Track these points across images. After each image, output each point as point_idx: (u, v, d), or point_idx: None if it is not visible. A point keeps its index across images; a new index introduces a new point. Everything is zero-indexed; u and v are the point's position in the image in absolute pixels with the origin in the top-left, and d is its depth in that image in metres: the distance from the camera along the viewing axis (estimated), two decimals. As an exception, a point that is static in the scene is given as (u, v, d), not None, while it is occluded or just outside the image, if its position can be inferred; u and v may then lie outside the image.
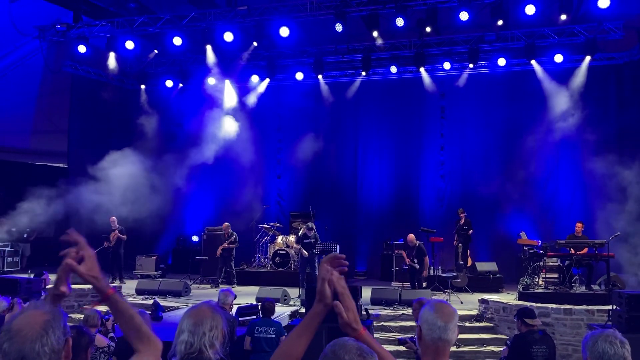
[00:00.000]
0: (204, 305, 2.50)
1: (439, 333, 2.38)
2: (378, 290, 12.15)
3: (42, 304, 1.91)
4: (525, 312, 6.13)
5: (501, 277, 14.01)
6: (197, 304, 2.57)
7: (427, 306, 2.49)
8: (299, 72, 17.08)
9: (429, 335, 2.40)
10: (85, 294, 12.40)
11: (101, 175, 15.22)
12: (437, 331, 2.38)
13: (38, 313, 1.81)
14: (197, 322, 2.34)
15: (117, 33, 14.83)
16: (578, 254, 11.55)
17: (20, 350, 1.72)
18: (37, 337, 1.75)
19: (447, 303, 2.53)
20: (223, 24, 14.02)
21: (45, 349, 1.75)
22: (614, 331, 2.64)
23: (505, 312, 10.58)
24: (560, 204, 15.91)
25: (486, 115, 16.74)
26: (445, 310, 2.44)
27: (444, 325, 2.39)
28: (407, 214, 17.10)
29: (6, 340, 1.74)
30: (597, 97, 15.41)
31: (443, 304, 2.50)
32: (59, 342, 1.79)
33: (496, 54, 15.52)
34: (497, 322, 10.73)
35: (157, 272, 16.04)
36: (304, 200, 17.36)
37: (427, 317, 2.43)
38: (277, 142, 18.57)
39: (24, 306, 4.54)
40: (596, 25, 14.09)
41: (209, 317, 2.36)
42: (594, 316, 9.87)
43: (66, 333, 1.83)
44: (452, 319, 2.43)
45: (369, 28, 13.49)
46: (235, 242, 14.80)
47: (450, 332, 2.40)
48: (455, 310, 2.48)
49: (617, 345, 2.54)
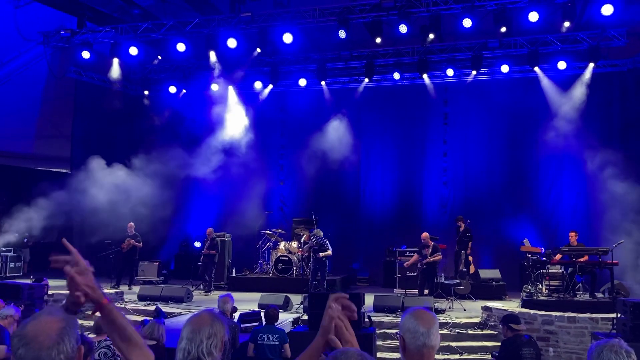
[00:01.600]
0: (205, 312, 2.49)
1: (423, 339, 2.37)
2: (381, 297, 12.09)
3: (56, 311, 1.91)
4: (511, 318, 6.52)
5: (504, 284, 13.95)
6: (199, 311, 2.56)
7: (406, 315, 2.48)
8: (302, 79, 17.11)
9: (413, 344, 2.38)
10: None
11: (104, 180, 15.24)
12: (421, 338, 2.37)
13: (54, 319, 1.82)
14: (196, 330, 2.32)
15: (121, 39, 14.87)
16: (578, 261, 11.49)
17: (36, 357, 1.73)
18: (54, 344, 1.76)
19: (425, 309, 2.52)
20: (226, 30, 14.05)
21: (62, 356, 1.76)
22: (619, 340, 2.61)
23: (508, 319, 10.51)
24: (564, 211, 15.86)
25: (489, 122, 16.74)
26: (425, 316, 2.44)
27: (426, 331, 2.38)
28: (410, 221, 17.08)
29: (22, 346, 1.75)
30: (601, 104, 15.41)
31: (422, 310, 2.50)
32: (73, 350, 1.81)
33: (499, 60, 15.54)
34: (500, 329, 10.65)
35: (159, 278, 16.04)
36: (306, 206, 17.36)
37: (408, 325, 2.42)
38: (280, 148, 18.60)
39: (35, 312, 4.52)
40: (599, 32, 14.09)
41: (208, 324, 2.34)
42: (598, 324, 9.81)
43: (78, 341, 1.84)
44: (433, 324, 2.42)
45: (372, 35, 13.49)
46: (215, 247, 14.83)
47: (433, 337, 2.39)
48: (435, 316, 2.48)
49: (623, 355, 2.51)
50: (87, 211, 15.18)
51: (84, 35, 14.95)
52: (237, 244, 16.77)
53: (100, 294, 2.13)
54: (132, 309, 12.16)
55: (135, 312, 11.96)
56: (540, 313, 10.24)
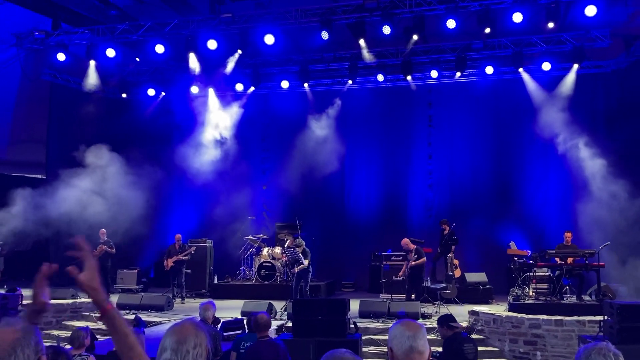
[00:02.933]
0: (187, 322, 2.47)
1: (409, 342, 2.39)
2: (366, 302, 12.09)
3: (14, 321, 1.88)
4: (449, 318, 7.18)
5: (491, 288, 14.05)
6: (179, 321, 2.54)
7: (393, 326, 2.51)
8: (284, 81, 17.11)
9: (400, 350, 2.40)
10: (64, 310, 12.21)
11: (80, 186, 15.07)
12: (407, 341, 2.39)
13: (8, 331, 1.78)
14: (181, 340, 2.30)
15: (97, 41, 14.74)
16: (566, 263, 11.60)
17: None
18: (5, 356, 1.73)
19: (412, 320, 2.55)
20: (206, 32, 13.99)
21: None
22: (607, 344, 2.64)
23: (495, 324, 10.59)
24: (550, 213, 16.03)
25: (474, 123, 16.88)
26: (412, 324, 2.48)
27: (412, 334, 2.40)
28: (395, 225, 17.13)
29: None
30: (585, 105, 15.62)
31: (408, 320, 2.54)
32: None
33: (484, 62, 15.68)
34: (488, 334, 10.73)
35: (138, 286, 15.91)
36: (290, 211, 17.32)
37: (395, 333, 2.45)
38: (263, 151, 18.56)
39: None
40: (583, 33, 14.29)
41: (193, 334, 2.32)
42: (585, 327, 9.90)
43: (38, 351, 1.80)
44: (419, 329, 2.45)
45: (356, 36, 13.55)
46: (189, 255, 14.70)
47: (420, 341, 2.40)
48: (422, 325, 2.51)
49: (611, 357, 2.53)
50: (63, 218, 14.99)
51: (59, 36, 14.79)
52: (218, 251, 16.68)
53: (103, 297, 2.15)
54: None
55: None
56: (528, 317, 10.31)
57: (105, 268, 14.75)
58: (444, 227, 14.84)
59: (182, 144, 17.11)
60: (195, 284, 15.46)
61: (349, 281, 17.15)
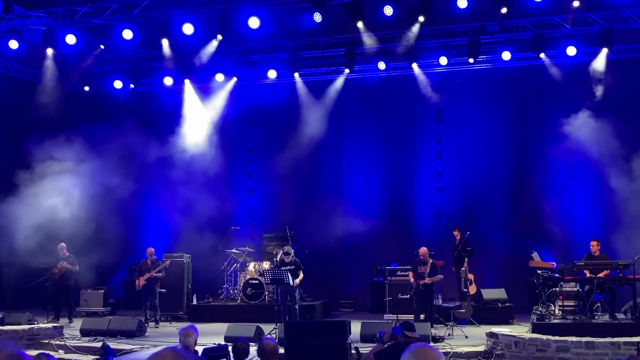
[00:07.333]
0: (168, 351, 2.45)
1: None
2: (369, 324, 12.07)
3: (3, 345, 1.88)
4: (407, 326, 7.36)
5: (511, 306, 14.06)
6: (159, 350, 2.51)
7: (404, 354, 2.44)
8: (271, 70, 17.08)
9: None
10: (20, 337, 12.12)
11: (35, 193, 14.98)
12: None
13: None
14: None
15: (55, 26, 14.68)
16: (597, 277, 11.60)
17: None
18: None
19: (429, 346, 2.47)
20: (181, 15, 13.97)
21: None
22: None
23: (517, 347, 10.56)
24: (577, 219, 16.07)
25: (489, 117, 16.92)
26: (427, 352, 2.39)
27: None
28: (401, 234, 17.14)
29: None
30: (616, 95, 15.62)
31: (424, 347, 2.45)
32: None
33: (500, 46, 15.71)
34: (509, 359, 10.72)
35: (105, 308, 15.79)
36: (279, 219, 17.27)
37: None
38: (247, 152, 18.52)
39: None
40: (613, 13, 14.33)
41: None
42: (620, 350, 9.90)
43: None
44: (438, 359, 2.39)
45: (353, 18, 13.54)
46: (163, 270, 14.65)
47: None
48: (440, 354, 2.42)
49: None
50: (16, 233, 14.89)
51: (11, 21, 14.71)
52: (198, 267, 16.58)
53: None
54: (74, 346, 11.91)
55: (79, 350, 11.72)
56: (554, 339, 10.31)
57: (67, 288, 14.70)
58: (456, 234, 14.87)
59: (154, 145, 17.02)
60: (171, 305, 15.35)
61: (348, 300, 17.10)
